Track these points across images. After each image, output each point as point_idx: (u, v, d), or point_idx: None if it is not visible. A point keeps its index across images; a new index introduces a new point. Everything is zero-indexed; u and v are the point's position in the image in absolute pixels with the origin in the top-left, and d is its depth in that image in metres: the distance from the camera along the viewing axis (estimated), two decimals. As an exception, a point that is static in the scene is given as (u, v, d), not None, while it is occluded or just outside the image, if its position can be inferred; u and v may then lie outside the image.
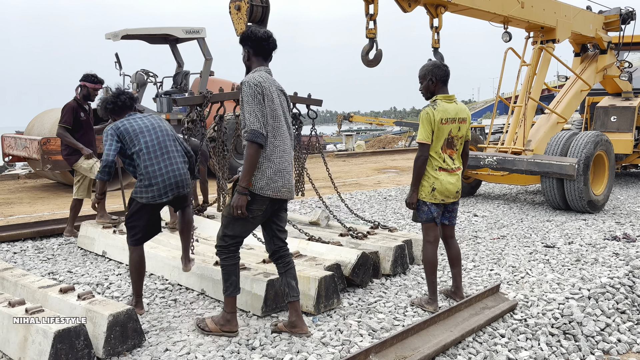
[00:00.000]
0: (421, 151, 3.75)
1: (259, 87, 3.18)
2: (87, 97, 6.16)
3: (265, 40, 3.32)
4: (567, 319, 3.62)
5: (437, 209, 3.86)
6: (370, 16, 6.09)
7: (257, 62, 3.36)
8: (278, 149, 3.27)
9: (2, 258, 5.28)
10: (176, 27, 12.47)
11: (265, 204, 3.28)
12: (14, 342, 3.06)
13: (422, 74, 3.90)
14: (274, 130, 3.26)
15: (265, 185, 3.22)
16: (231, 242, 3.34)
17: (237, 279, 3.39)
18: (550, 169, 7.38)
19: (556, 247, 5.66)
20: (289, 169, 3.34)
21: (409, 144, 27.95)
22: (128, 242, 3.76)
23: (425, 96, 3.94)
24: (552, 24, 8.50)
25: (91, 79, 6.11)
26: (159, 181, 3.61)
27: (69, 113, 6.00)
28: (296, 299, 3.42)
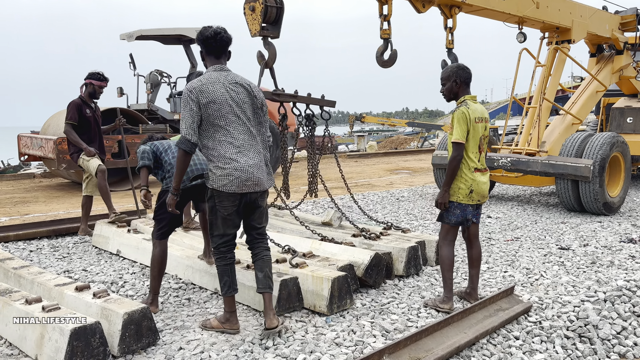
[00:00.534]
0: (457, 151, 3.73)
1: (193, 93, 3.24)
2: (93, 95, 6.20)
3: (212, 38, 3.33)
4: (582, 322, 3.58)
5: (472, 210, 3.88)
6: (384, 17, 6.09)
7: (209, 60, 3.40)
8: (232, 145, 3.29)
9: (19, 256, 5.35)
10: (190, 28, 12.53)
11: (236, 200, 3.33)
12: (30, 339, 3.10)
13: (445, 75, 3.90)
14: (222, 129, 3.27)
15: (228, 182, 3.28)
16: (220, 242, 3.42)
17: (229, 279, 3.44)
18: (565, 170, 7.32)
19: (571, 249, 5.61)
20: (253, 162, 3.33)
21: (422, 145, 27.85)
22: (154, 236, 3.90)
23: (448, 97, 3.93)
24: (568, 24, 8.43)
25: (97, 76, 6.15)
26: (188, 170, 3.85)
27: (74, 110, 6.04)
28: (261, 291, 3.44)
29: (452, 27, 6.91)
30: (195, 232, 5.54)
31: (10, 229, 6.19)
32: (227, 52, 3.42)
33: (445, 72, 3.92)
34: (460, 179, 3.79)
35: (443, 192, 3.81)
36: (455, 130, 3.72)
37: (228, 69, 3.40)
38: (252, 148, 3.35)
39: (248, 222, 3.52)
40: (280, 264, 4.18)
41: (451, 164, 3.75)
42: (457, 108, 3.80)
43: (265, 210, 3.53)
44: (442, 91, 3.95)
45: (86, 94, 6.18)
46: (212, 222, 3.42)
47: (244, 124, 3.33)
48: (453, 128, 3.75)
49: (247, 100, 3.36)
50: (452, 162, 3.75)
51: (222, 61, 3.40)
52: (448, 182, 3.79)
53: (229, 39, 3.39)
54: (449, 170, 3.77)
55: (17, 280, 4.01)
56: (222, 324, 3.45)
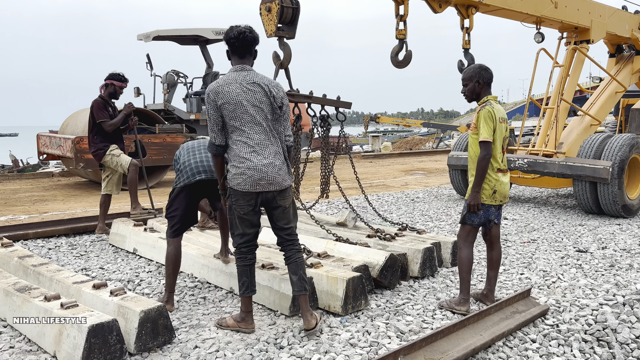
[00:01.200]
0: (486, 150, 3.72)
1: (210, 95, 3.31)
2: (114, 95, 6.27)
3: (235, 38, 3.35)
4: (600, 326, 3.54)
5: (495, 211, 3.89)
6: (400, 17, 6.07)
7: (234, 60, 3.42)
8: (246, 144, 3.30)
9: (38, 253, 5.42)
10: (206, 29, 12.62)
11: (252, 199, 3.35)
12: (49, 335, 3.14)
13: (468, 76, 3.90)
14: (237, 129, 3.30)
15: (242, 181, 3.30)
16: (240, 242, 3.44)
17: (248, 280, 3.46)
18: (583, 172, 7.23)
19: (589, 252, 5.54)
20: (268, 162, 3.32)
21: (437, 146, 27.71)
22: (167, 234, 3.96)
23: (470, 98, 3.93)
24: (587, 24, 8.33)
25: (118, 77, 6.23)
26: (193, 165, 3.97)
27: (102, 108, 6.11)
28: (296, 293, 3.47)
29: (469, 27, 6.87)
30: (211, 231, 5.58)
31: (29, 226, 6.28)
32: (251, 51, 3.42)
33: (467, 72, 3.92)
34: (484, 180, 3.78)
35: (475, 193, 3.78)
36: (482, 129, 3.72)
37: (249, 69, 3.39)
38: (267, 148, 3.35)
39: (273, 223, 3.52)
40: (295, 264, 4.18)
41: (481, 163, 3.73)
42: (482, 108, 3.79)
43: (289, 210, 3.50)
44: (464, 92, 3.94)
45: (106, 94, 6.24)
46: (231, 221, 3.47)
47: (260, 124, 3.33)
48: (479, 127, 3.74)
49: (264, 99, 3.35)
50: (482, 162, 3.73)
51: (246, 61, 3.40)
52: (478, 182, 3.77)
53: (253, 39, 3.39)
54: (480, 170, 3.74)
55: (37, 278, 4.07)
56: (237, 323, 3.47)
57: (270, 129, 3.38)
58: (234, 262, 4.29)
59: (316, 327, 3.39)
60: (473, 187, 3.79)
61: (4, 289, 3.63)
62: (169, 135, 11.21)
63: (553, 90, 8.71)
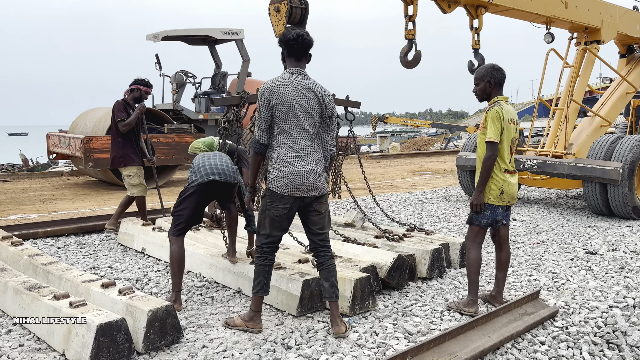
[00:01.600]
0: (492, 150, 3.70)
1: (264, 93, 3.30)
2: (139, 100, 6.28)
3: (294, 40, 3.35)
4: (610, 328, 3.51)
5: (502, 212, 3.86)
6: (409, 17, 6.06)
7: (289, 62, 3.42)
8: (292, 149, 3.30)
9: (48, 252, 5.46)
10: (215, 29, 12.65)
11: (289, 203, 3.34)
12: (58, 333, 3.16)
13: (479, 75, 3.88)
14: (285, 132, 3.30)
15: (282, 185, 3.30)
16: (265, 242, 3.43)
17: (265, 280, 3.45)
18: (593, 173, 7.18)
19: (599, 253, 5.50)
20: (310, 168, 3.32)
21: (445, 146, 27.63)
22: (170, 232, 3.99)
23: (481, 98, 3.92)
24: (597, 24, 8.27)
25: (144, 82, 6.28)
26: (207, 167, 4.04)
27: (122, 108, 6.10)
28: (328, 299, 3.46)
29: (479, 27, 6.84)
30: (219, 231, 5.58)
31: (39, 225, 6.33)
32: (307, 54, 3.43)
33: (479, 72, 3.90)
34: (491, 180, 3.77)
35: (478, 193, 3.78)
36: (489, 129, 3.70)
37: (305, 73, 3.39)
38: (311, 154, 3.35)
39: (307, 227, 3.51)
40: (303, 264, 4.18)
41: (486, 163, 3.72)
42: (490, 108, 3.78)
43: (324, 216, 3.50)
44: (475, 91, 3.92)
45: (131, 98, 6.24)
46: (260, 221, 3.45)
47: (307, 131, 3.33)
48: (487, 128, 3.73)
49: (315, 107, 3.34)
50: (487, 162, 3.72)
51: (301, 64, 3.41)
52: (482, 182, 3.76)
53: (310, 42, 3.40)
54: (484, 170, 3.74)
55: (46, 276, 4.10)
56: (245, 322, 3.47)
57: (316, 136, 3.38)
58: (241, 262, 4.30)
59: (345, 333, 3.39)
60: (477, 186, 3.78)
61: (14, 287, 3.66)
62: (177, 135, 11.25)
63: (563, 91, 8.66)
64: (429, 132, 36.37)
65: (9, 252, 4.72)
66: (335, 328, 3.40)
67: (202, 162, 4.08)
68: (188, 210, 3.97)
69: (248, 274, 4.16)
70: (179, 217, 3.98)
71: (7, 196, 10.14)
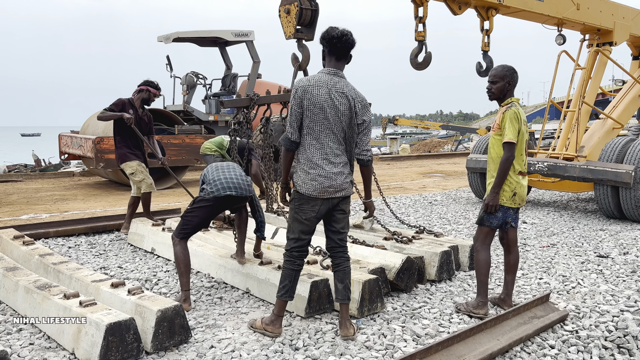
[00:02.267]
0: (510, 151, 3.67)
1: (298, 91, 3.29)
2: (146, 101, 6.32)
3: (337, 39, 3.29)
4: (621, 332, 3.47)
5: (512, 214, 3.85)
6: (419, 19, 6.05)
7: (329, 61, 3.38)
8: (320, 151, 3.30)
9: (58, 252, 5.50)
10: (226, 31, 12.70)
11: (317, 205, 3.33)
12: (68, 332, 3.18)
13: (500, 74, 3.83)
14: (314, 133, 3.29)
15: (311, 187, 3.29)
16: (293, 246, 3.41)
17: (290, 284, 3.41)
18: (604, 176, 7.12)
19: (610, 257, 5.45)
20: (338, 170, 3.32)
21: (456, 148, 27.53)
22: (174, 233, 4.03)
23: (496, 97, 3.87)
24: (609, 26, 8.21)
25: (154, 84, 6.33)
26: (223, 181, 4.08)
27: (118, 102, 6.11)
28: (339, 301, 3.44)
29: (489, 29, 6.81)
30: (228, 232, 5.60)
31: (50, 225, 6.38)
32: (347, 55, 3.39)
33: (499, 71, 3.84)
34: (505, 181, 3.74)
35: (494, 194, 3.73)
36: (508, 130, 3.66)
37: (341, 75, 3.36)
38: (339, 157, 3.34)
39: (328, 226, 3.49)
40: (311, 265, 4.18)
41: (504, 164, 3.69)
42: (507, 108, 3.75)
43: (347, 217, 3.50)
44: (491, 89, 3.86)
45: (138, 98, 6.27)
46: (289, 223, 3.45)
47: (335, 134, 3.31)
48: (505, 128, 3.69)
49: (346, 112, 3.31)
50: (506, 163, 3.68)
51: (341, 64, 3.38)
52: (499, 183, 3.72)
53: (354, 42, 3.37)
54: (502, 171, 3.70)
55: (56, 276, 4.13)
56: (265, 325, 3.44)
57: (344, 140, 3.36)
58: (250, 263, 4.31)
59: (354, 336, 3.39)
60: (493, 187, 3.74)
61: (25, 286, 3.69)
62: (187, 136, 11.31)
63: (574, 93, 8.59)
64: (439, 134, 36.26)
65: (20, 252, 4.77)
66: (343, 330, 3.39)
67: (218, 176, 4.10)
68: (198, 219, 4.03)
69: (257, 275, 4.17)
70: (188, 222, 4.03)
71: (20, 196, 10.24)
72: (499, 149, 3.78)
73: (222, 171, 4.17)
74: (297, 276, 3.45)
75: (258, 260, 4.30)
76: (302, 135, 3.32)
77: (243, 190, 4.10)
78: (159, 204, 9.00)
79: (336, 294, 3.48)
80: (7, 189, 11.36)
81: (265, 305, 4.00)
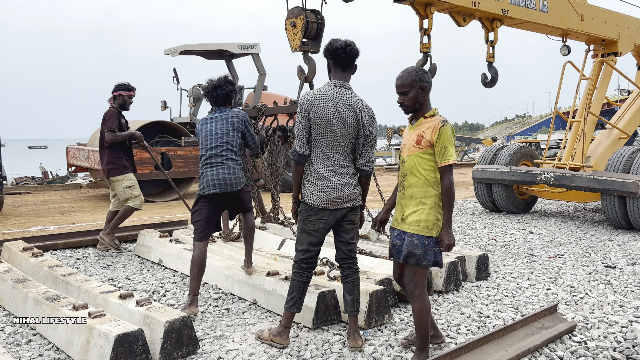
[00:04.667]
0: (451, 174, 3.02)
1: (304, 105, 3.31)
2: (123, 106, 6.03)
3: (341, 49, 3.32)
4: (630, 343, 3.46)
5: None
6: (424, 31, 6.09)
7: (334, 73, 3.40)
8: (327, 163, 3.32)
9: (67, 263, 5.53)
10: (232, 43, 12.81)
11: (325, 216, 3.34)
12: (77, 344, 3.20)
13: (408, 81, 3.09)
14: (321, 145, 3.31)
15: (318, 198, 3.31)
16: (302, 257, 3.41)
17: (298, 296, 3.42)
18: (611, 186, 7.10)
19: (618, 267, 5.42)
20: (345, 181, 3.33)
21: (461, 159, 27.50)
22: (194, 239, 4.17)
23: (412, 109, 3.14)
24: (614, 36, 8.23)
25: (125, 86, 6.00)
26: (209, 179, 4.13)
27: (114, 117, 5.84)
28: (348, 313, 3.45)
29: (494, 40, 6.85)
30: (235, 243, 5.62)
31: (58, 237, 6.42)
32: (353, 65, 3.41)
33: (406, 78, 3.11)
34: (438, 210, 3.08)
35: (449, 229, 3.03)
36: (450, 149, 2.99)
37: (348, 87, 3.38)
38: (346, 168, 3.36)
39: (338, 236, 3.48)
40: (318, 276, 4.19)
41: (451, 191, 3.01)
42: (444, 124, 3.03)
43: (356, 227, 3.50)
44: (403, 102, 3.14)
45: (117, 106, 6.00)
46: (297, 236, 3.46)
47: (342, 146, 3.33)
48: (445, 147, 2.99)
49: (353, 124, 3.32)
50: (452, 189, 3.01)
51: (347, 75, 3.40)
52: (450, 216, 3.04)
53: (357, 52, 3.39)
54: (452, 200, 3.02)
55: (65, 287, 4.16)
56: (273, 337, 3.45)
57: (351, 151, 3.38)
58: (257, 274, 4.32)
59: (362, 347, 3.39)
60: (446, 222, 3.01)
61: (34, 297, 3.72)
62: (194, 147, 11.37)
63: (580, 103, 8.60)
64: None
65: (29, 263, 4.81)
66: (351, 342, 3.39)
67: (205, 171, 4.16)
68: (203, 217, 4.13)
69: (264, 286, 4.18)
70: (196, 223, 4.14)
71: (28, 208, 10.31)
72: (430, 172, 3.05)
73: (210, 167, 4.14)
74: (306, 288, 3.46)
75: (265, 272, 4.30)
76: (311, 148, 3.35)
77: (228, 186, 4.11)
78: (165, 216, 9.04)
79: (345, 305, 3.48)
80: (15, 201, 11.44)
81: (272, 317, 4.00)
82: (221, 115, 4.28)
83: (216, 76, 4.36)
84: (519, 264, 5.57)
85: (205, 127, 4.26)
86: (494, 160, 8.93)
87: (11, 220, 8.82)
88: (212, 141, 4.20)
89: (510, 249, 6.29)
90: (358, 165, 3.42)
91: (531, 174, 8.00)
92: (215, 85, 4.30)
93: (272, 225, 6.30)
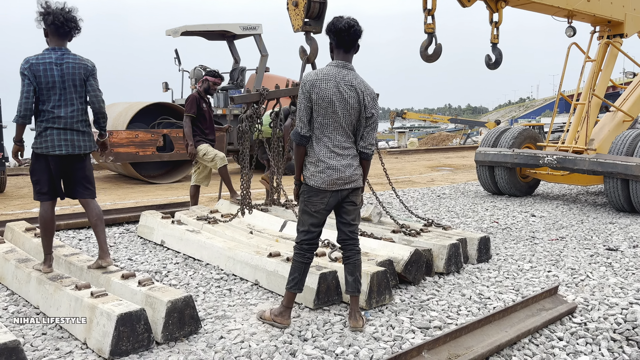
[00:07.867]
0: None
1: (305, 85, 3.28)
2: (207, 91, 6.59)
3: (345, 30, 3.27)
4: (630, 325, 3.47)
5: None
6: (428, 11, 6.04)
7: (337, 53, 3.36)
8: (328, 145, 3.30)
9: (69, 244, 5.56)
10: (234, 24, 12.71)
11: (326, 197, 3.34)
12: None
13: None
14: (323, 126, 3.29)
15: (319, 179, 3.31)
16: (303, 239, 3.42)
17: (299, 277, 3.43)
18: (614, 169, 7.07)
19: (619, 250, 5.43)
20: (346, 162, 3.33)
21: (464, 142, 27.43)
22: (34, 197, 3.96)
23: None
24: (620, 17, 8.14)
25: (213, 73, 6.61)
26: (54, 137, 3.87)
27: (193, 103, 6.38)
28: (350, 293, 3.47)
29: (498, 21, 6.79)
30: (236, 225, 5.63)
31: (61, 218, 6.44)
32: (356, 45, 3.36)
33: None
34: None
35: None
36: None
37: (350, 68, 3.34)
38: (347, 150, 3.35)
39: (339, 217, 3.49)
40: (320, 257, 4.21)
41: None
42: None
43: (358, 208, 3.50)
44: None
45: (202, 89, 6.56)
46: (299, 217, 3.46)
47: (344, 128, 3.31)
48: None
49: (355, 106, 3.30)
50: None
51: (349, 56, 3.36)
52: None
53: (361, 32, 3.34)
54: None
55: (68, 267, 4.18)
56: (274, 317, 3.47)
57: (353, 133, 3.37)
58: (259, 255, 4.33)
59: (362, 327, 3.41)
60: None
61: (37, 277, 3.74)
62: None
63: (584, 86, 8.54)
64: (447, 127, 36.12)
65: (32, 244, 4.83)
66: (352, 322, 3.41)
67: (52, 124, 3.90)
68: (44, 175, 3.91)
69: (265, 267, 4.19)
70: (36, 183, 3.94)
71: (30, 189, 10.30)
72: None
73: (58, 116, 3.91)
74: (307, 269, 3.47)
75: (267, 252, 4.32)
76: (312, 130, 3.33)
77: (76, 147, 3.98)
78: (167, 197, 9.06)
79: (346, 286, 3.50)
80: (18, 182, 11.46)
81: (274, 297, 4.03)
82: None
83: None
84: (520, 247, 5.57)
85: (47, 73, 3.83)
86: (496, 143, 8.89)
87: (14, 201, 8.85)
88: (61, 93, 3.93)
89: (512, 232, 6.30)
90: (359, 147, 3.41)
91: (534, 156, 7.98)
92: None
93: (274, 207, 6.30)
